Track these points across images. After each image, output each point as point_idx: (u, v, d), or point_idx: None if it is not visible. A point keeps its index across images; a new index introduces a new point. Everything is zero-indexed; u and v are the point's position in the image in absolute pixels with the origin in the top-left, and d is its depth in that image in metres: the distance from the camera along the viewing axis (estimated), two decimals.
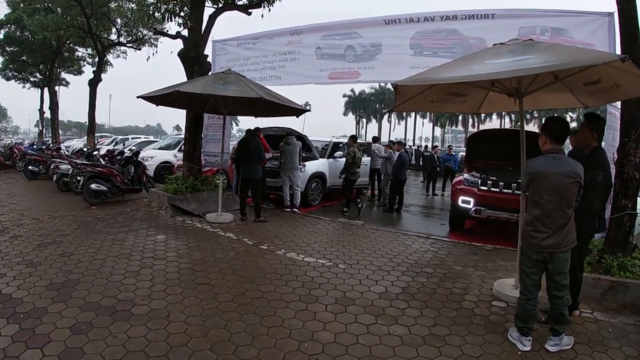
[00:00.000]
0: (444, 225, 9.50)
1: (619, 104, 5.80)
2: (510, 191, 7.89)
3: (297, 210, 9.50)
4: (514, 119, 47.58)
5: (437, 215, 11.24)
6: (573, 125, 46.10)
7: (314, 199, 10.68)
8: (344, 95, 65.01)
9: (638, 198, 5.27)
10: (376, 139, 13.52)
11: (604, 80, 4.18)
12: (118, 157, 11.02)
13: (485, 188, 8.08)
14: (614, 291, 4.61)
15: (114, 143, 24.03)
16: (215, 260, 5.60)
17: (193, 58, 9.29)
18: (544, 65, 3.37)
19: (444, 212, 11.65)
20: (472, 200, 8.08)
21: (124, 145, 21.15)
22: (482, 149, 9.50)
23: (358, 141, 10.41)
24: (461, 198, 8.23)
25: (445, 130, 61.05)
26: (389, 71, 7.65)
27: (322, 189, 11.13)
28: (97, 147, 17.03)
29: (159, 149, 16.30)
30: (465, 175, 8.54)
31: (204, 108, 8.40)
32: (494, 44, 4.34)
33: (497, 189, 8.00)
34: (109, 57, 22.75)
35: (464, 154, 11.66)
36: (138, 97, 7.61)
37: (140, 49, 20.46)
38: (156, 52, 18.87)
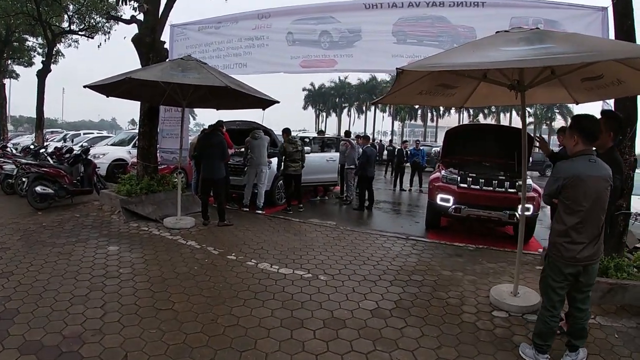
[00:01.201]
0: (419, 224, 9.07)
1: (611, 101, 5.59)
2: (491, 188, 7.54)
3: (260, 210, 8.78)
4: (472, 113, 48.35)
5: (410, 213, 10.81)
6: (530, 121, 47.55)
7: (280, 197, 9.97)
8: (304, 89, 64.27)
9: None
10: (348, 134, 12.93)
11: (606, 76, 4.02)
12: (67, 156, 9.88)
13: (465, 185, 7.67)
14: (613, 293, 4.50)
15: (64, 139, 22.31)
16: (177, 276, 4.83)
17: (149, 44, 8.38)
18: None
19: (416, 208, 11.32)
20: (451, 198, 7.65)
21: (72, 142, 19.65)
22: (459, 145, 9.13)
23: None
24: (439, 196, 7.78)
25: (404, 124, 61.44)
26: (368, 60, 7.05)
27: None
28: (45, 144, 15.60)
29: (112, 145, 15.13)
30: (443, 172, 8.10)
31: (160, 99, 7.54)
32: (497, 32, 3.93)
33: (478, 186, 7.62)
34: (60, 46, 21.07)
35: (439, 149, 11.25)
36: (85, 86, 6.68)
37: (92, 37, 19.07)
38: (108, 38, 17.51)
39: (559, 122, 48.99)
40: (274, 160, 9.51)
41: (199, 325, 3.68)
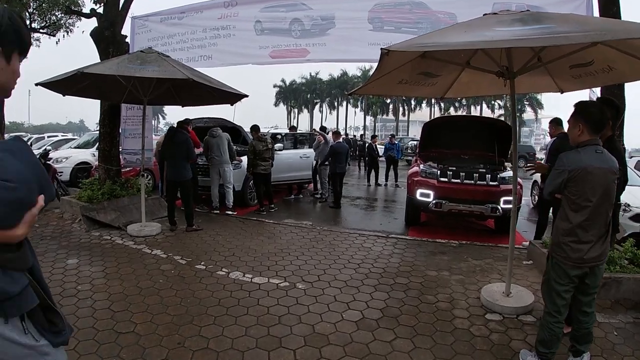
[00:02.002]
0: (398, 220, 8.78)
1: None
2: (473, 182, 7.31)
3: (230, 211, 8.31)
4: (443, 107, 48.59)
5: (388, 209, 10.49)
6: (500, 113, 48.12)
7: (252, 197, 9.48)
8: (275, 85, 63.86)
9: None
10: (324, 129, 12.50)
11: (597, 62, 3.81)
12: None
13: (446, 179, 7.41)
14: (607, 288, 4.32)
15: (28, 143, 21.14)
16: (140, 292, 4.33)
17: (108, 38, 7.77)
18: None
19: (393, 204, 11.03)
20: (431, 193, 7.37)
21: (30, 144, 18.61)
22: (436, 137, 8.89)
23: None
24: (419, 191, 7.49)
25: (376, 119, 61.60)
26: (343, 49, 6.59)
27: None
28: None
29: (76, 147, 14.28)
30: (422, 166, 7.81)
31: (121, 97, 6.97)
32: (485, 14, 3.60)
33: (459, 180, 7.36)
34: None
35: (417, 142, 10.96)
36: (37, 84, 6.05)
37: (54, 35, 18.00)
38: (64, 35, 16.52)
39: (528, 114, 49.90)
40: (245, 159, 9.04)
41: (163, 350, 3.22)
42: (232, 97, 6.77)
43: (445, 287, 4.72)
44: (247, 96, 6.69)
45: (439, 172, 7.47)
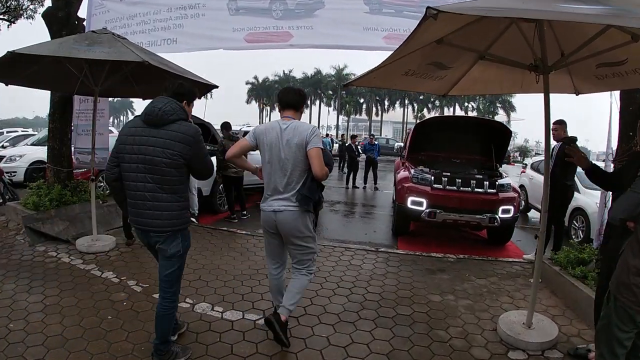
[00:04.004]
0: (383, 228, 8.08)
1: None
2: (469, 189, 6.66)
3: (194, 220, 7.31)
4: (416, 108, 48.58)
5: (370, 215, 9.75)
6: (473, 115, 48.22)
7: (222, 203, 8.55)
8: (247, 82, 63.31)
9: None
10: None
11: (630, 61, 3.32)
12: None
13: (440, 186, 6.72)
14: None
15: None
16: (83, 334, 3.38)
17: (62, 19, 6.72)
18: None
19: (374, 209, 10.31)
20: (424, 201, 6.66)
21: None
22: (426, 139, 8.19)
23: None
24: (411, 198, 6.76)
25: (349, 118, 61.26)
26: (333, 33, 5.70)
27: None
28: None
29: (32, 144, 12.98)
30: (413, 171, 7.08)
31: (73, 87, 5.94)
32: None
33: (454, 187, 6.68)
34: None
35: (403, 144, 10.23)
36: None
37: (14, 22, 16.55)
38: (13, 21, 15.17)
39: (501, 117, 50.29)
40: (214, 160, 8.10)
41: None
42: (200, 88, 5.84)
43: (455, 316, 4.04)
44: (216, 87, 5.73)
45: (432, 178, 6.76)
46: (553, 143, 5.50)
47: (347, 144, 16.11)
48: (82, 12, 7.21)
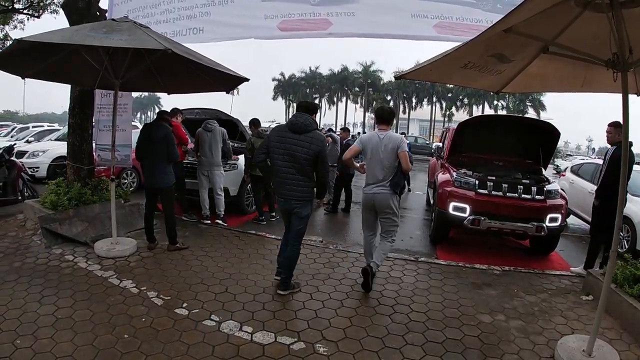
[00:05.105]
0: (418, 233, 7.58)
1: None
2: (516, 195, 6.10)
3: (221, 221, 6.96)
4: (444, 106, 47.55)
5: (402, 219, 9.09)
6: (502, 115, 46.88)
7: (250, 203, 8.12)
8: (273, 79, 62.99)
9: None
10: (331, 130, 11.31)
11: None
12: None
13: (485, 191, 6.16)
14: None
15: (11, 134, 19.53)
16: (95, 356, 3.00)
17: (82, 10, 6.37)
18: None
19: (407, 212, 9.70)
20: (467, 207, 6.13)
21: (10, 136, 17.14)
22: (467, 140, 7.63)
23: None
24: (453, 204, 6.22)
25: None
26: (377, 20, 5.11)
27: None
28: None
29: (56, 139, 12.75)
30: (455, 174, 6.54)
31: (94, 81, 5.62)
32: None
33: (500, 193, 6.13)
34: (7, 28, 18.27)
35: (441, 144, 9.63)
36: None
37: (38, 17, 16.51)
38: (37, 16, 15.07)
39: (530, 116, 48.92)
40: (242, 158, 7.70)
41: None
42: (228, 81, 5.41)
43: (508, 341, 3.60)
44: (247, 80, 5.26)
45: (477, 182, 6.22)
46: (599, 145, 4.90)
47: None
48: (103, 3, 6.91)
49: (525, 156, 7.64)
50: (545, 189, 6.19)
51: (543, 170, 7.36)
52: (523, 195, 6.10)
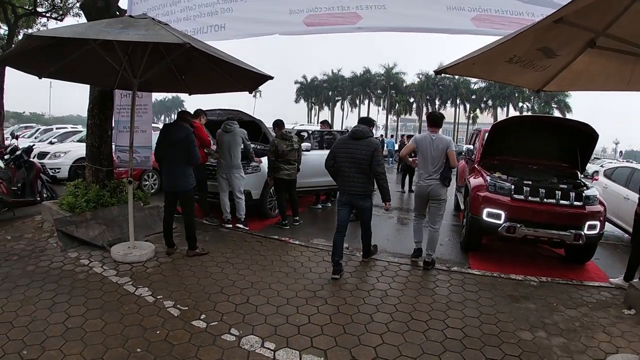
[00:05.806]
0: (449, 241, 7.21)
1: None
2: (554, 201, 5.70)
3: (242, 225, 6.72)
4: (468, 108, 46.81)
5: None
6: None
7: (273, 207, 7.85)
8: (296, 82, 63.39)
9: None
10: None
11: None
12: (6, 157, 7.65)
13: (522, 197, 5.77)
14: None
15: (35, 135, 19.75)
16: None
17: (101, 9, 6.27)
18: None
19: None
20: (502, 214, 5.75)
21: (14, 137, 17.26)
22: (500, 142, 7.22)
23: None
24: (487, 210, 5.85)
25: (399, 119, 60.01)
26: (410, 13, 4.76)
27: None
28: (11, 141, 13.26)
29: (79, 141, 12.68)
30: (489, 178, 6.16)
31: (113, 81, 5.47)
32: None
33: (537, 198, 5.73)
34: (30, 32, 18.60)
35: (472, 146, 9.20)
36: None
37: (62, 20, 16.67)
38: (60, 19, 15.19)
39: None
40: (265, 160, 7.44)
41: None
42: (251, 80, 5.17)
43: None
44: (271, 77, 5.00)
45: (513, 186, 5.84)
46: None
47: (399, 143, 15.08)
48: (123, 3, 6.76)
49: (560, 159, 7.21)
50: (583, 194, 5.78)
51: (579, 174, 6.93)
52: (561, 202, 5.71)
